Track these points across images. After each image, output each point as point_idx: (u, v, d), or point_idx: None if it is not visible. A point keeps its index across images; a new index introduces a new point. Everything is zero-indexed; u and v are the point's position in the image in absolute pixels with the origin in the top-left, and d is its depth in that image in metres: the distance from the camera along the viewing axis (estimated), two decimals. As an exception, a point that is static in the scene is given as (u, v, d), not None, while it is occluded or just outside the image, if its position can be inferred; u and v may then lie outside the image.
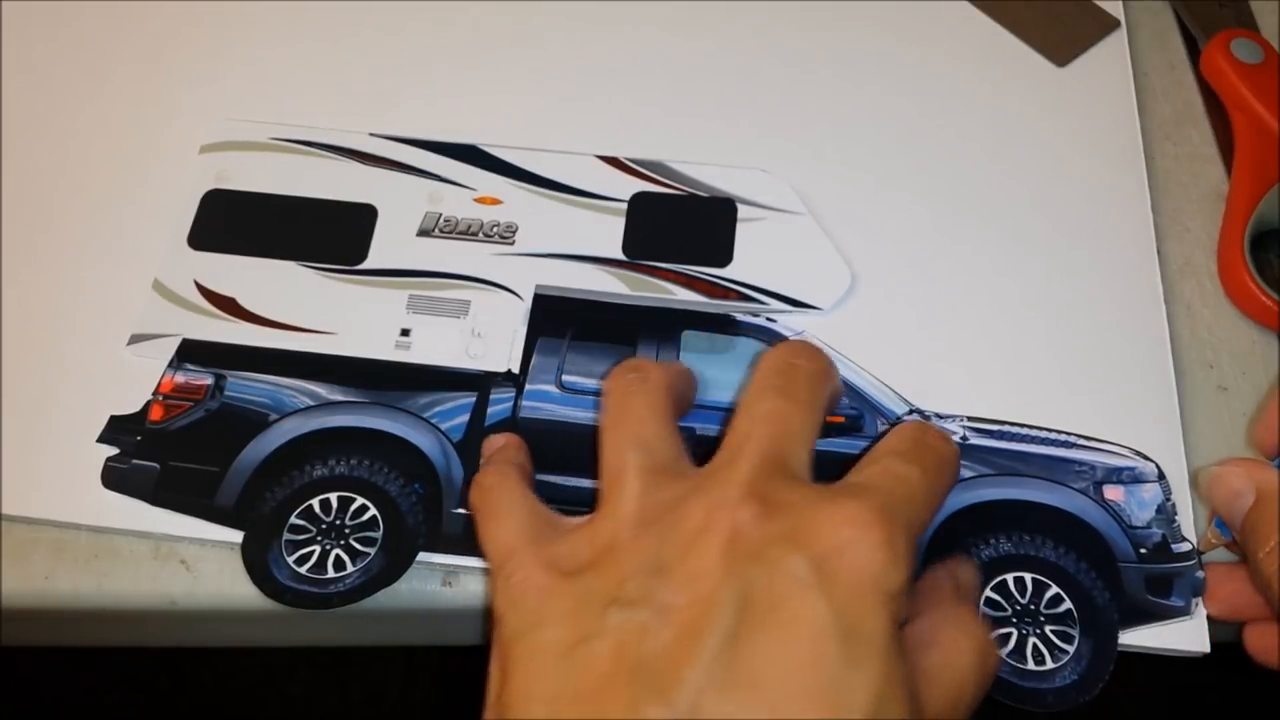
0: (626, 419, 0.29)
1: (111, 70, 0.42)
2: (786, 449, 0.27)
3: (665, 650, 0.23)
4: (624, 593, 0.24)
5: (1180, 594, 0.32)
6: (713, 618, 0.23)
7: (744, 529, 0.24)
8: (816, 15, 0.45)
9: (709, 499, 0.25)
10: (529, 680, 0.25)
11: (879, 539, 0.24)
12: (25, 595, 0.33)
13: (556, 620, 0.25)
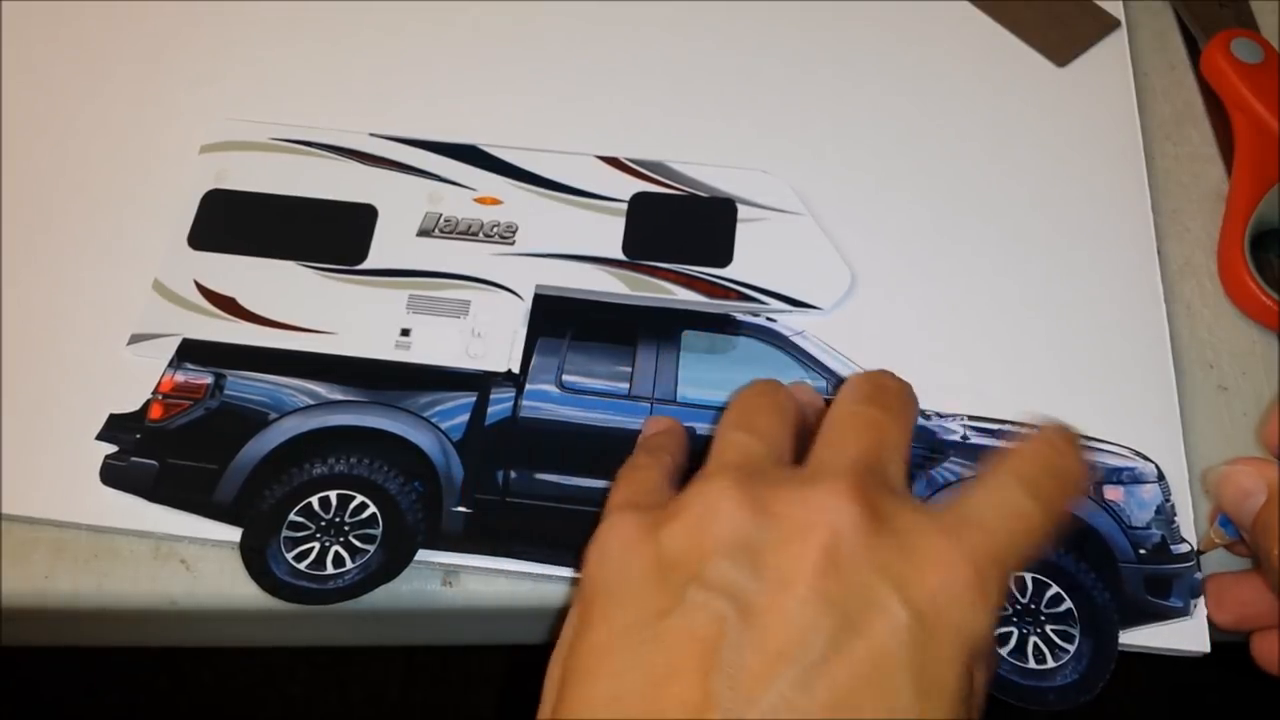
0: (748, 411, 0.29)
1: (112, 70, 0.42)
2: (884, 458, 0.26)
3: (742, 655, 0.23)
4: (707, 572, 0.24)
5: (1179, 595, 0.32)
6: (802, 638, 0.23)
7: (846, 536, 0.23)
8: (817, 15, 0.45)
9: (813, 491, 0.24)
10: (598, 649, 0.24)
11: (978, 595, 0.23)
12: (25, 595, 0.33)
13: (639, 585, 0.25)
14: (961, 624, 0.23)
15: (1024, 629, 0.32)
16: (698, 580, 0.24)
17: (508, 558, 0.33)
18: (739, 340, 0.37)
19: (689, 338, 0.37)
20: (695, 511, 0.25)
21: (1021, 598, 0.32)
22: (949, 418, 0.35)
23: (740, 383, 0.35)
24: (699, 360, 0.36)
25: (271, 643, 0.36)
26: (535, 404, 0.35)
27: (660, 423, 0.34)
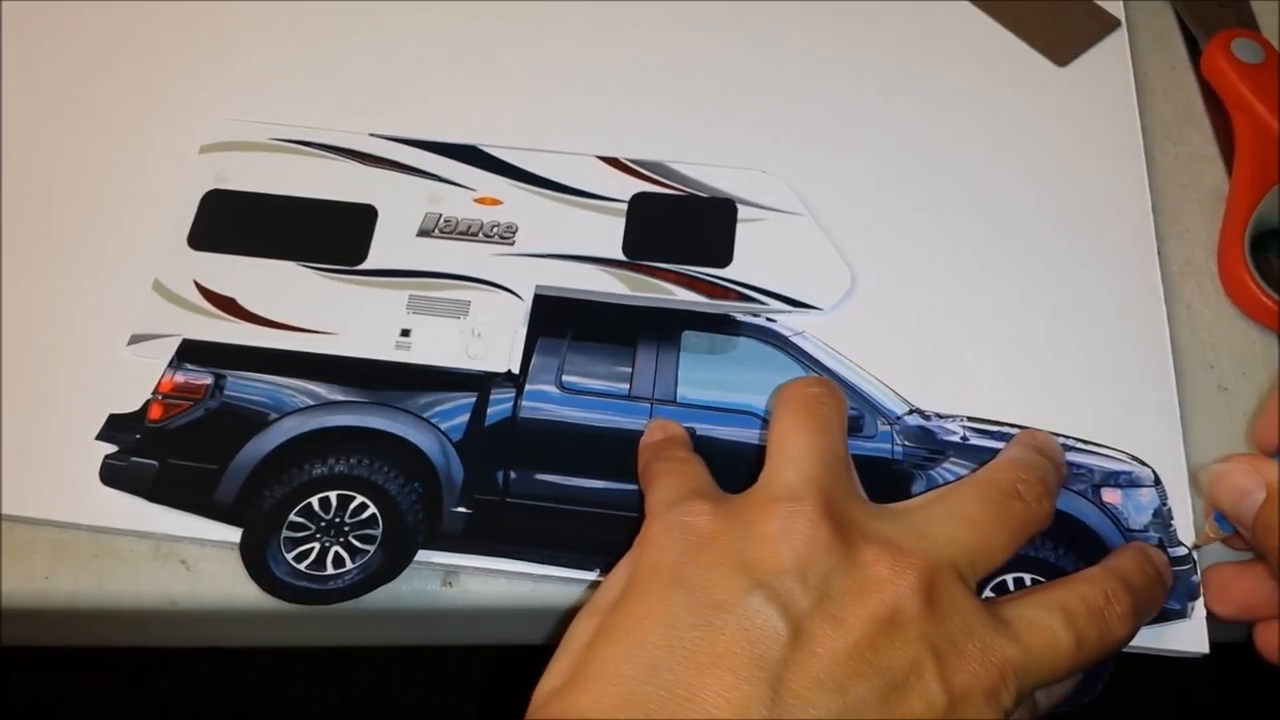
0: (816, 417, 0.29)
1: (112, 70, 0.42)
2: (977, 557, 0.27)
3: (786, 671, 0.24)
4: (774, 583, 0.25)
5: (1177, 597, 0.32)
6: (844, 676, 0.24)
7: (905, 611, 0.25)
8: (817, 16, 0.45)
9: (890, 558, 0.26)
10: (648, 615, 0.25)
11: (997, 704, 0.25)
12: (26, 595, 0.33)
13: (704, 571, 0.26)
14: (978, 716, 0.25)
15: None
16: (763, 588, 0.25)
17: (508, 558, 0.33)
18: (739, 341, 0.37)
19: (689, 338, 0.37)
20: (776, 524, 0.26)
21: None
22: (949, 418, 0.35)
23: (740, 383, 0.36)
24: (699, 361, 0.36)
25: (271, 643, 0.36)
26: (535, 404, 0.35)
27: (665, 428, 0.34)
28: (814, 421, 0.29)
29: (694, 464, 0.31)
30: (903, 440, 0.35)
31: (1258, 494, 0.29)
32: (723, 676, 0.24)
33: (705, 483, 0.30)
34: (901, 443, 0.35)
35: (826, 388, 0.31)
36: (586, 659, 0.25)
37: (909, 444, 0.35)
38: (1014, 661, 0.26)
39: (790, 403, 0.30)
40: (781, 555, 0.26)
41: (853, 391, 0.35)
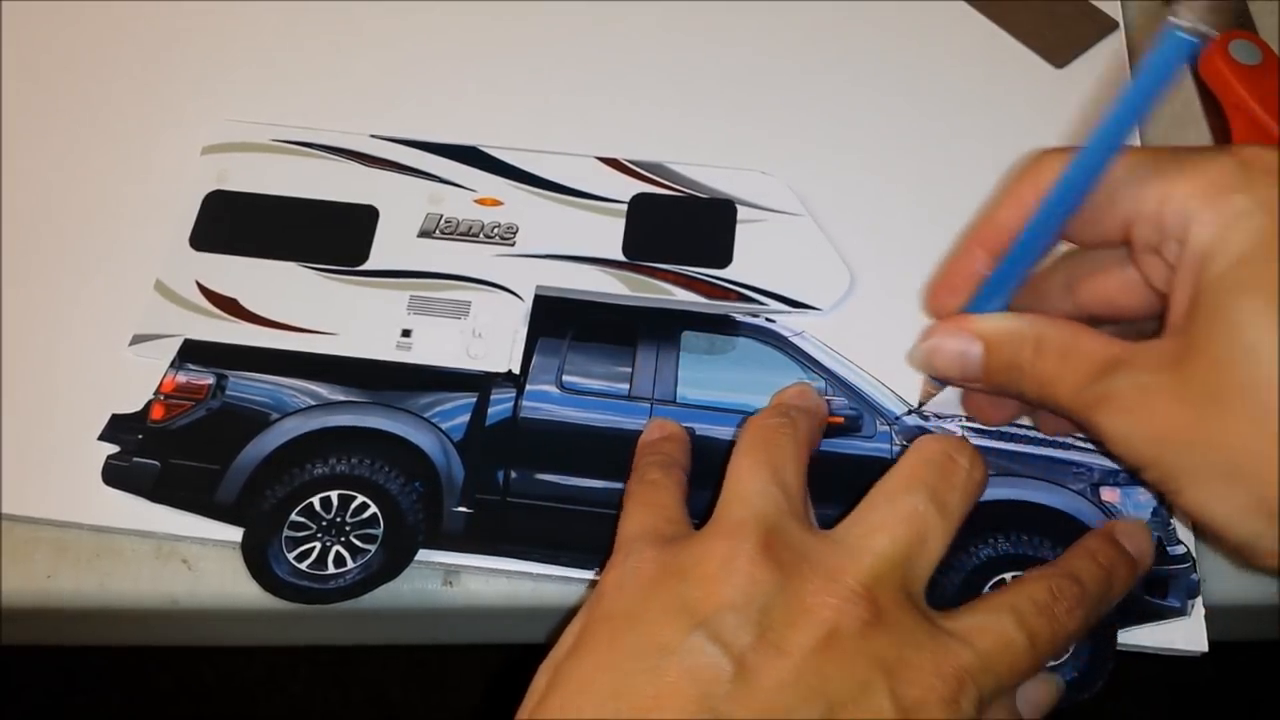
0: (771, 450, 0.29)
1: (113, 72, 0.42)
2: (915, 559, 0.27)
3: (730, 707, 0.24)
4: (716, 623, 0.25)
5: (1176, 595, 0.33)
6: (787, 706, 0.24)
7: (846, 630, 0.25)
8: (816, 17, 0.45)
9: (826, 581, 0.26)
10: (595, 665, 0.26)
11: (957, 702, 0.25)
12: (27, 594, 0.33)
13: (648, 619, 0.26)
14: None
15: (1022, 628, 0.32)
16: (704, 627, 0.25)
17: (508, 558, 0.33)
18: (738, 341, 0.37)
19: (689, 338, 0.37)
20: (716, 563, 0.27)
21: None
22: (947, 419, 0.35)
23: (740, 383, 0.36)
24: (699, 361, 0.36)
25: (272, 642, 0.36)
26: (535, 404, 0.35)
27: (663, 427, 0.34)
28: (766, 454, 0.29)
29: (664, 489, 0.31)
30: (901, 440, 0.35)
31: (973, 349, 0.30)
32: (666, 715, 0.24)
33: (668, 515, 0.30)
34: (900, 443, 0.35)
35: (787, 416, 0.31)
36: (539, 711, 0.26)
37: (908, 444, 0.35)
38: (969, 667, 0.25)
39: (746, 435, 0.30)
40: (722, 593, 0.26)
41: (852, 391, 0.36)
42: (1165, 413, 0.27)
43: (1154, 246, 0.28)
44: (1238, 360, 0.25)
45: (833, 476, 0.34)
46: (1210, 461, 0.26)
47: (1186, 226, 0.27)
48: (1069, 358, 0.29)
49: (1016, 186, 0.30)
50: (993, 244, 0.31)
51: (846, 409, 0.35)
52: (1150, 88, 0.27)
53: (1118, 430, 0.28)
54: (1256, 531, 0.26)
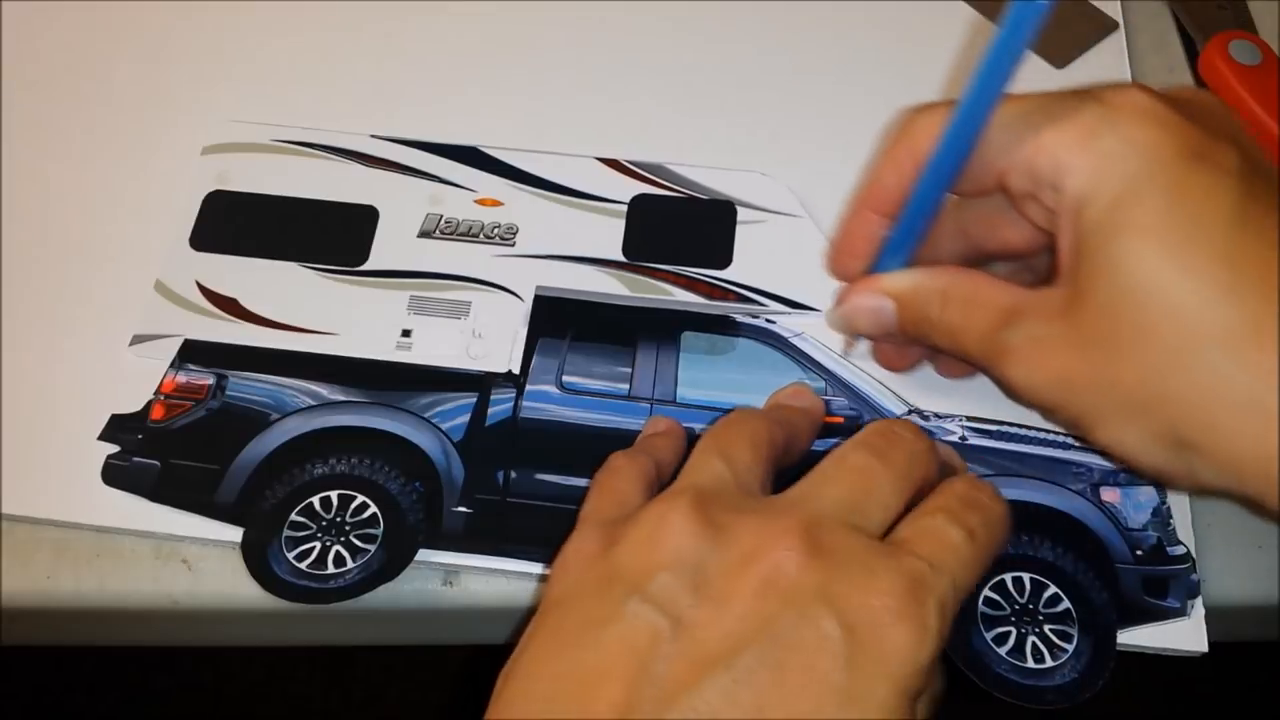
0: (724, 434, 0.29)
1: (114, 71, 0.42)
2: (862, 505, 0.27)
3: (673, 666, 0.23)
4: (650, 587, 0.25)
5: (1176, 595, 0.33)
6: (732, 651, 0.23)
7: (785, 570, 0.24)
8: (816, 18, 0.45)
9: (764, 527, 0.25)
10: (541, 653, 0.26)
11: (914, 622, 0.24)
12: (27, 595, 0.33)
13: (586, 595, 0.26)
14: (894, 646, 0.23)
15: (1023, 629, 0.32)
16: (639, 592, 0.25)
17: (508, 557, 0.33)
18: (738, 341, 0.37)
19: (689, 339, 0.37)
20: (648, 527, 0.26)
21: (1020, 597, 0.32)
22: (947, 419, 0.35)
23: (739, 384, 0.36)
24: (698, 361, 0.36)
25: (272, 642, 0.36)
26: (535, 404, 0.35)
27: (659, 424, 0.34)
28: (716, 439, 0.29)
29: (623, 476, 0.30)
30: (902, 440, 0.35)
31: (886, 306, 0.32)
32: (611, 687, 0.23)
33: (620, 499, 0.29)
34: (900, 443, 0.35)
35: (752, 410, 0.32)
36: (494, 711, 0.25)
37: (908, 444, 0.35)
38: (919, 575, 0.25)
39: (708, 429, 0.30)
40: (654, 556, 0.25)
41: (851, 392, 0.36)
42: (1062, 361, 0.28)
43: (1030, 194, 0.29)
44: (1122, 303, 0.26)
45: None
46: (1112, 400, 0.27)
47: (1059, 174, 0.27)
48: (972, 308, 0.30)
49: (894, 147, 0.31)
50: (880, 205, 0.32)
51: (846, 409, 0.35)
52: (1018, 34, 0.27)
53: (1021, 380, 0.29)
54: (1166, 459, 0.27)
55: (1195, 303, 0.25)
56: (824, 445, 0.34)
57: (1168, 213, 0.26)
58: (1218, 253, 0.25)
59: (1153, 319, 0.26)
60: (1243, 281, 0.25)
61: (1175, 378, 0.26)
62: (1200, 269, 0.25)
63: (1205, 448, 0.26)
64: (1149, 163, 0.26)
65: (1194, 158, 0.26)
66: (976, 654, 0.32)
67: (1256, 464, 0.25)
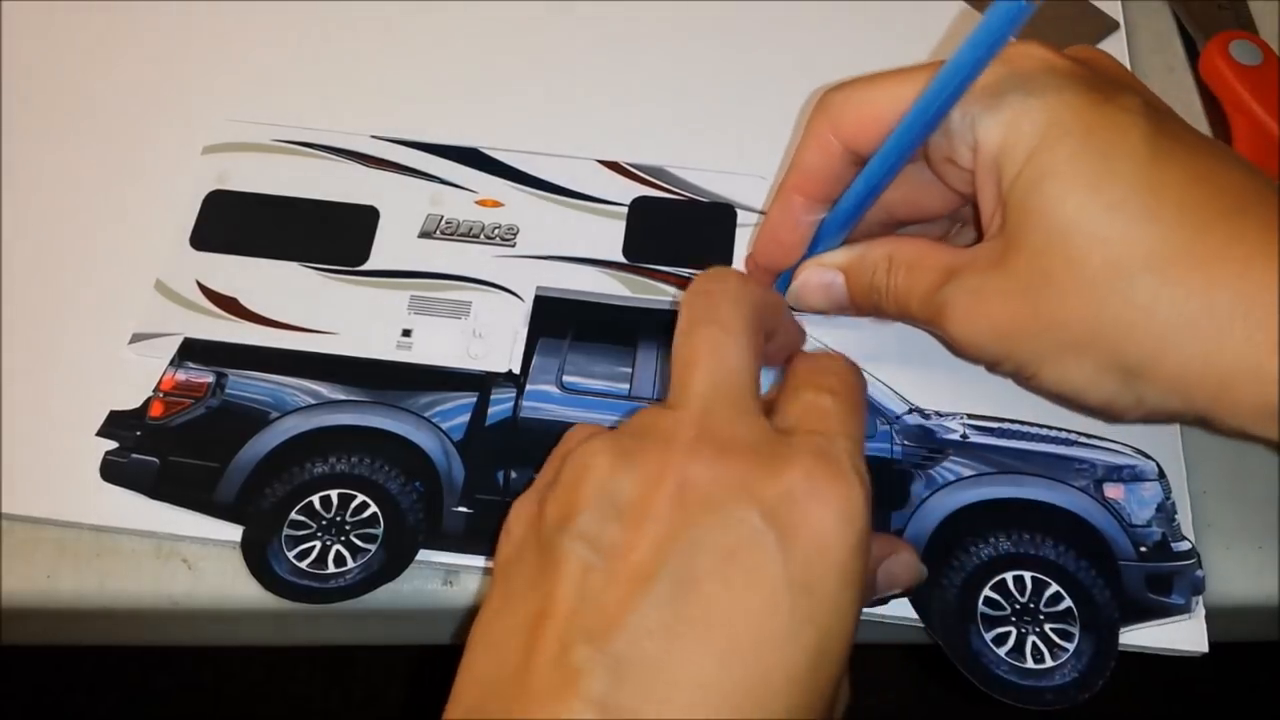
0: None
1: (114, 71, 0.42)
2: (730, 380, 0.27)
3: (607, 592, 0.24)
4: (575, 527, 0.25)
5: (1181, 592, 0.33)
6: (662, 563, 0.24)
7: (694, 478, 0.25)
8: (815, 21, 0.45)
9: (664, 442, 0.26)
10: (491, 615, 0.26)
11: (834, 489, 0.24)
12: (27, 594, 0.33)
13: (527, 551, 0.26)
14: (821, 521, 0.24)
15: (1023, 628, 0.32)
16: (568, 534, 0.25)
17: (508, 557, 0.33)
18: (739, 341, 0.37)
19: (689, 338, 0.37)
20: (571, 473, 0.26)
21: (1021, 596, 0.32)
22: (948, 416, 0.35)
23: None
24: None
25: (272, 642, 0.36)
26: (536, 404, 0.35)
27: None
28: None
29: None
30: (902, 439, 0.35)
31: (836, 280, 0.33)
32: (553, 624, 0.24)
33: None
34: (901, 442, 0.35)
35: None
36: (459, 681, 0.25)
37: (908, 443, 0.35)
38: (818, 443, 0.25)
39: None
40: (578, 499, 0.25)
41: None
42: (1001, 310, 0.28)
43: (947, 157, 0.30)
44: (1052, 244, 0.27)
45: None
46: (1055, 341, 0.28)
47: (973, 133, 0.29)
48: (915, 271, 0.31)
49: (817, 130, 0.31)
50: (807, 188, 0.32)
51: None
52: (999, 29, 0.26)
53: (962, 334, 0.29)
54: (1113, 391, 0.28)
55: (1120, 232, 0.26)
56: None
57: (1082, 154, 0.27)
58: (1135, 184, 0.26)
59: (1083, 253, 0.27)
60: (1162, 208, 0.26)
61: (1111, 307, 0.26)
62: (1121, 201, 0.26)
63: (1149, 371, 0.27)
64: (1057, 111, 0.27)
65: (1098, 101, 0.27)
66: (975, 654, 0.32)
67: (1200, 379, 0.26)
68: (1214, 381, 0.26)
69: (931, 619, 0.32)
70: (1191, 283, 0.26)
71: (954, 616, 0.32)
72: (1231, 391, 0.26)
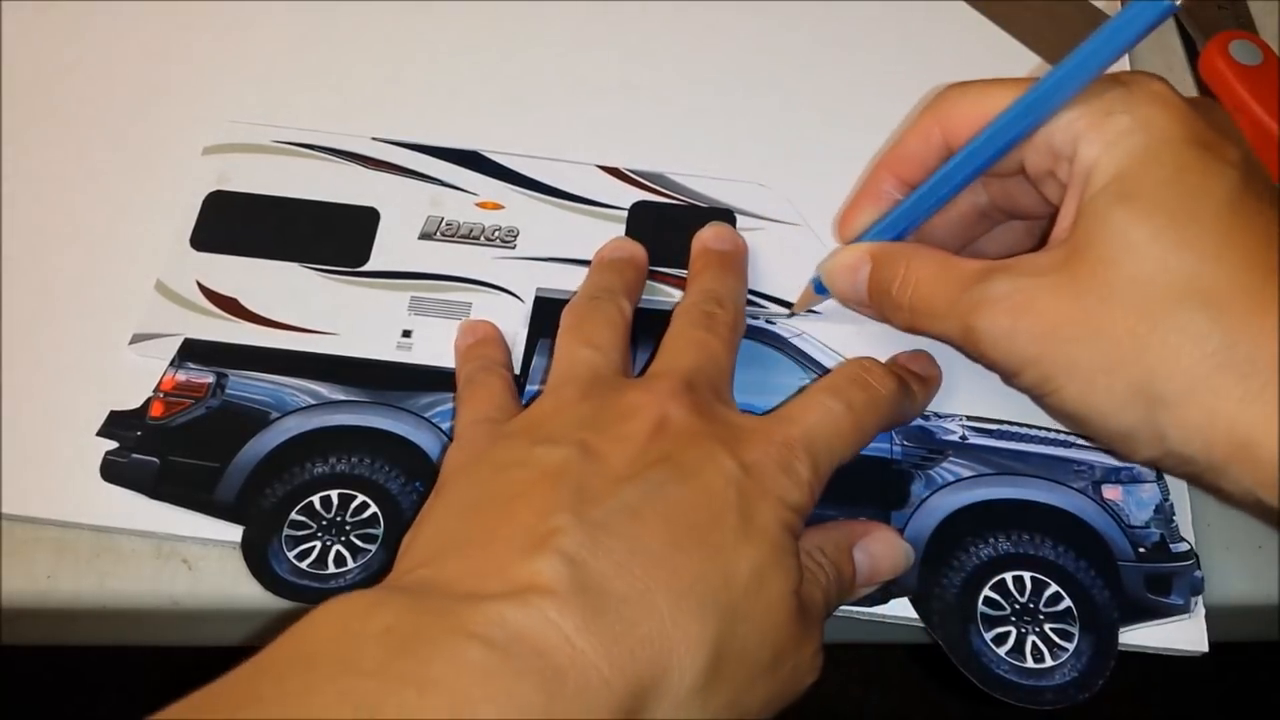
0: (585, 323, 0.33)
1: (115, 72, 0.42)
2: (714, 370, 0.31)
3: (586, 480, 0.26)
4: (553, 435, 0.28)
5: (1180, 592, 0.33)
6: (636, 472, 0.26)
7: (674, 416, 0.28)
8: (816, 27, 0.45)
9: (645, 389, 0.29)
10: (451, 495, 0.28)
11: (790, 470, 0.28)
12: (27, 594, 0.33)
13: (493, 455, 0.28)
14: (779, 489, 0.27)
15: (1023, 628, 0.32)
16: (545, 440, 0.28)
17: (508, 557, 0.33)
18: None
19: (689, 339, 0.37)
20: (541, 413, 0.30)
21: (1020, 596, 0.32)
22: (947, 418, 0.35)
23: (740, 384, 0.35)
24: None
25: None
26: (536, 404, 0.35)
27: (474, 330, 0.36)
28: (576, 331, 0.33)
29: (488, 385, 0.33)
30: (901, 440, 0.35)
31: (864, 266, 0.33)
32: (530, 499, 0.26)
33: (498, 404, 0.32)
34: (900, 442, 0.35)
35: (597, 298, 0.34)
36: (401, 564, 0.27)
37: (908, 443, 0.35)
38: (796, 436, 0.28)
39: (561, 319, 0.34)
40: (550, 426, 0.28)
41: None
42: (1048, 308, 0.28)
43: (1049, 170, 0.31)
44: (1121, 259, 0.27)
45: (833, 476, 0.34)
46: (1092, 353, 0.28)
47: (1075, 147, 0.29)
48: (946, 268, 0.31)
49: (925, 118, 0.32)
50: (899, 169, 0.34)
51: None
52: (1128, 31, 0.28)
53: (1000, 328, 0.29)
54: (1135, 422, 0.28)
55: (1188, 266, 0.27)
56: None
57: (1170, 186, 0.28)
58: (1211, 227, 0.27)
59: (1148, 274, 0.27)
60: (1232, 254, 0.27)
61: (1161, 330, 0.27)
62: (1194, 239, 0.27)
63: (1178, 406, 0.27)
64: (1158, 142, 0.28)
65: (1200, 145, 0.28)
66: (975, 654, 0.32)
67: (1228, 427, 0.26)
68: (1240, 435, 0.26)
69: (931, 619, 0.32)
70: (1245, 329, 0.26)
71: (954, 616, 0.32)
72: (1253, 451, 0.26)
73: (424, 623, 0.23)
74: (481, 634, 0.22)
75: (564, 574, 0.24)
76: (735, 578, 0.25)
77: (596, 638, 0.23)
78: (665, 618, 0.24)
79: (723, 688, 0.25)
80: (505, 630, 0.23)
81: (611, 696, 0.23)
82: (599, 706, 0.23)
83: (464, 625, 0.23)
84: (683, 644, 0.24)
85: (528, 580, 0.24)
